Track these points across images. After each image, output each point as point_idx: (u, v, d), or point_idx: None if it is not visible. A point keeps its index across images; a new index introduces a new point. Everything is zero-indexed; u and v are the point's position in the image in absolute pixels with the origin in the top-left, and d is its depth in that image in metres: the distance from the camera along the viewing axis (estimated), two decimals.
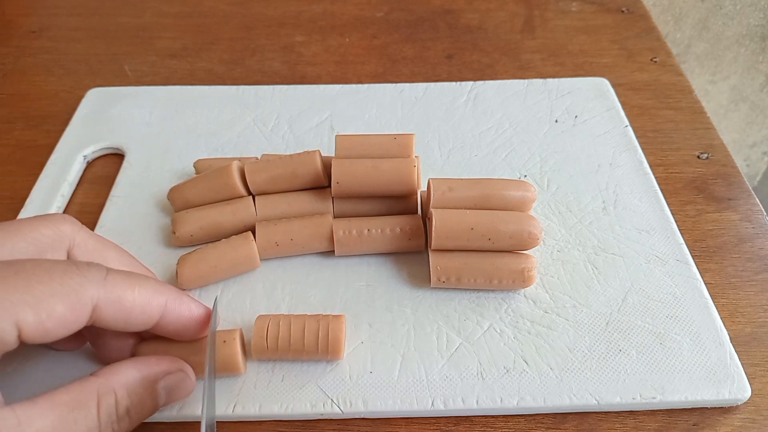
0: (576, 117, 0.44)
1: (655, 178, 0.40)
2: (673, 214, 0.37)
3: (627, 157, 0.41)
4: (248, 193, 0.36)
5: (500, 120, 0.44)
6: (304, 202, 0.36)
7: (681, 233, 0.36)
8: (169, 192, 0.37)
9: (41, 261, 0.24)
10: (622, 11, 0.57)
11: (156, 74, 0.51)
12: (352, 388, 0.30)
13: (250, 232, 0.35)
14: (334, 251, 0.35)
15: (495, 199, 0.34)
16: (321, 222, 0.35)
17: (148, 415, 0.27)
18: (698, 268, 0.35)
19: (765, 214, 0.39)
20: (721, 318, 0.32)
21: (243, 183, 0.36)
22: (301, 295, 0.34)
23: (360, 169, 0.34)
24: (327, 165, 0.36)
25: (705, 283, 0.34)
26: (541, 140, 0.43)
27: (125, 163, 0.41)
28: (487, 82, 0.47)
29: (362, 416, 0.29)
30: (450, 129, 0.44)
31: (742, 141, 1.08)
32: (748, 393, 0.29)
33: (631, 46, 0.53)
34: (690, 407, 0.30)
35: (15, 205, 0.39)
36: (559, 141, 0.42)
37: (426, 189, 0.36)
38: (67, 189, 0.40)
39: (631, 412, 0.30)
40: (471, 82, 0.47)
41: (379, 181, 0.34)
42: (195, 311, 0.28)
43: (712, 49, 0.95)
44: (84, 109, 0.46)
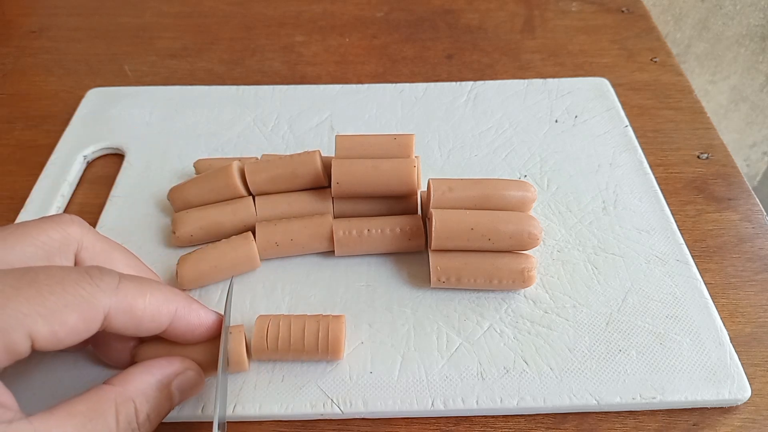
0: (576, 117, 0.44)
1: (655, 178, 0.40)
2: (673, 214, 0.37)
3: (627, 157, 0.41)
4: (248, 193, 0.36)
5: (500, 120, 0.44)
6: (304, 202, 0.36)
7: (681, 233, 0.36)
8: (169, 192, 0.37)
9: (53, 269, 0.24)
10: (622, 11, 0.57)
11: (156, 74, 0.51)
12: (352, 388, 0.30)
13: (250, 232, 0.35)
14: (334, 251, 0.35)
15: (495, 199, 0.34)
16: (321, 222, 0.35)
17: (165, 416, 0.27)
18: (698, 268, 0.35)
19: (765, 214, 0.39)
20: (721, 318, 0.32)
21: (243, 183, 0.36)
22: (301, 295, 0.34)
23: (360, 170, 0.34)
24: (327, 165, 0.36)
25: (705, 283, 0.34)
26: (541, 140, 0.43)
27: (125, 163, 0.41)
28: (487, 82, 0.47)
29: (362, 416, 0.29)
30: (450, 129, 0.44)
31: (742, 141, 1.08)
32: (748, 393, 0.29)
33: (631, 46, 0.53)
34: (690, 407, 0.30)
35: (15, 205, 0.39)
36: (559, 141, 0.42)
37: (426, 189, 0.36)
38: (67, 189, 0.40)
39: (631, 412, 0.30)
40: (471, 82, 0.47)
41: (379, 182, 0.34)
42: (204, 318, 0.28)
43: (712, 49, 0.95)
44: (84, 109, 0.46)
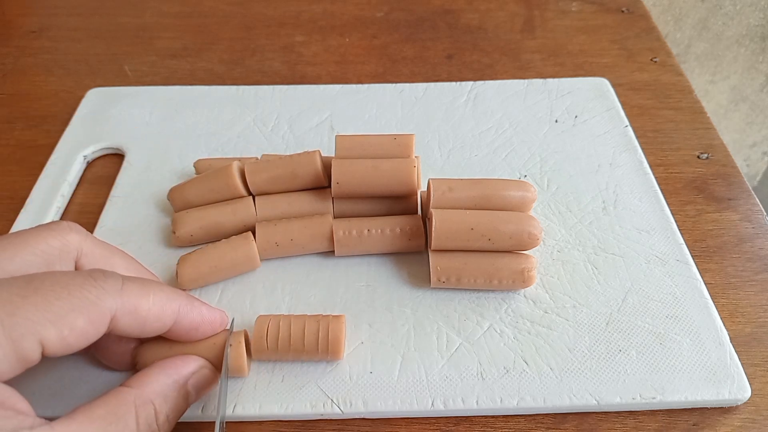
0: (576, 117, 0.44)
1: (655, 178, 0.40)
2: (673, 214, 0.37)
3: (627, 157, 0.41)
4: (248, 193, 0.36)
5: (500, 120, 0.44)
6: (304, 202, 0.36)
7: (681, 233, 0.36)
8: (169, 192, 0.37)
9: (58, 275, 0.24)
10: (622, 11, 0.57)
11: (156, 74, 0.51)
12: (352, 388, 0.30)
13: (250, 232, 0.35)
14: (334, 251, 0.35)
15: (495, 199, 0.34)
16: (321, 222, 0.35)
17: (182, 415, 0.27)
18: (698, 268, 0.35)
19: (765, 214, 0.39)
20: (721, 318, 0.32)
21: (243, 183, 0.36)
22: (301, 295, 0.34)
23: (360, 170, 0.34)
24: (327, 165, 0.36)
25: (705, 283, 0.34)
26: (541, 140, 0.43)
27: (125, 163, 0.41)
28: (487, 82, 0.47)
29: (362, 416, 0.29)
30: (450, 129, 0.44)
31: (742, 141, 1.08)
32: (748, 393, 0.29)
33: (631, 46, 0.53)
34: (690, 407, 0.30)
35: (15, 205, 0.39)
36: (559, 141, 0.42)
37: (426, 189, 0.36)
38: (67, 189, 0.40)
39: (631, 412, 0.30)
40: (471, 82, 0.47)
41: (379, 182, 0.34)
42: (207, 315, 0.28)
43: (712, 49, 0.95)
44: (84, 109, 0.46)
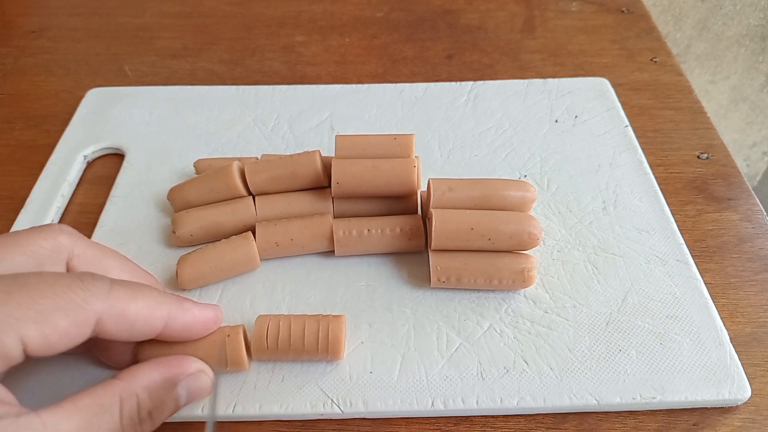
0: (576, 117, 0.44)
1: (655, 178, 0.40)
2: (673, 214, 0.37)
3: (627, 157, 0.41)
4: (248, 193, 0.36)
5: (500, 120, 0.44)
6: (304, 202, 0.36)
7: (681, 233, 0.36)
8: (169, 192, 0.37)
9: (45, 275, 0.24)
10: (622, 11, 0.57)
11: (156, 74, 0.51)
12: (352, 388, 0.30)
13: (250, 232, 0.35)
14: (334, 251, 0.35)
15: (495, 199, 0.34)
16: (321, 222, 0.35)
17: (170, 415, 0.27)
18: (698, 268, 0.35)
19: (765, 214, 0.39)
20: (721, 318, 0.32)
21: (243, 183, 0.36)
22: (301, 295, 0.34)
23: (360, 170, 0.34)
24: (327, 165, 0.36)
25: (705, 283, 0.34)
26: (541, 140, 0.43)
27: (125, 163, 0.41)
28: (487, 82, 0.47)
29: (362, 416, 0.29)
30: (450, 129, 0.44)
31: (742, 141, 1.08)
32: (748, 393, 0.29)
33: (631, 46, 0.53)
34: (690, 407, 0.30)
35: (15, 205, 0.39)
36: (559, 141, 0.42)
37: (426, 189, 0.36)
38: (67, 189, 0.40)
39: (631, 412, 0.30)
40: (471, 82, 0.47)
41: (379, 182, 0.34)
42: (199, 315, 0.28)
43: (712, 49, 0.95)
44: (84, 109, 0.46)
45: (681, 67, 0.51)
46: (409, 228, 0.34)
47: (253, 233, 0.35)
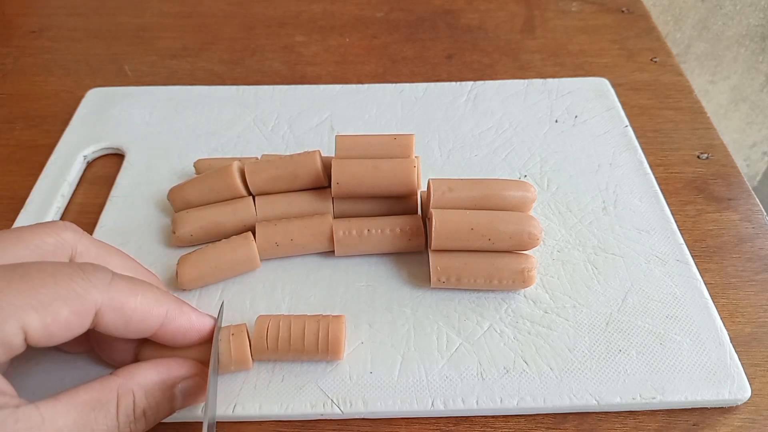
0: (576, 117, 0.44)
1: (655, 178, 0.40)
2: (673, 214, 0.37)
3: (627, 157, 0.41)
4: (248, 193, 0.36)
5: (500, 120, 0.44)
6: (304, 202, 0.36)
7: (681, 233, 0.36)
8: (169, 192, 0.37)
9: (46, 264, 0.24)
10: (622, 11, 0.57)
11: (156, 74, 0.51)
12: (352, 388, 0.30)
13: (250, 232, 0.35)
14: (334, 251, 0.35)
15: (495, 200, 0.34)
16: (321, 222, 0.35)
17: (164, 417, 0.27)
18: (698, 268, 0.35)
19: (765, 214, 0.39)
20: (721, 318, 0.32)
21: (243, 183, 0.36)
22: (301, 295, 0.34)
23: (360, 170, 0.34)
24: (327, 165, 0.36)
25: (705, 283, 0.34)
26: (541, 140, 0.43)
27: (125, 163, 0.41)
28: (487, 82, 0.47)
29: (362, 416, 0.29)
30: (450, 129, 0.44)
31: (742, 141, 1.08)
32: (748, 393, 0.29)
33: (631, 46, 0.53)
34: (690, 407, 0.30)
35: (15, 205, 0.39)
36: (559, 141, 0.42)
37: (426, 189, 0.36)
38: (67, 189, 0.40)
39: (631, 412, 0.30)
40: (471, 82, 0.47)
41: (379, 182, 0.34)
42: (195, 322, 0.28)
43: (712, 49, 0.95)
44: (84, 109, 0.46)
45: (681, 67, 0.51)
46: (409, 228, 0.34)
47: (253, 233, 0.35)
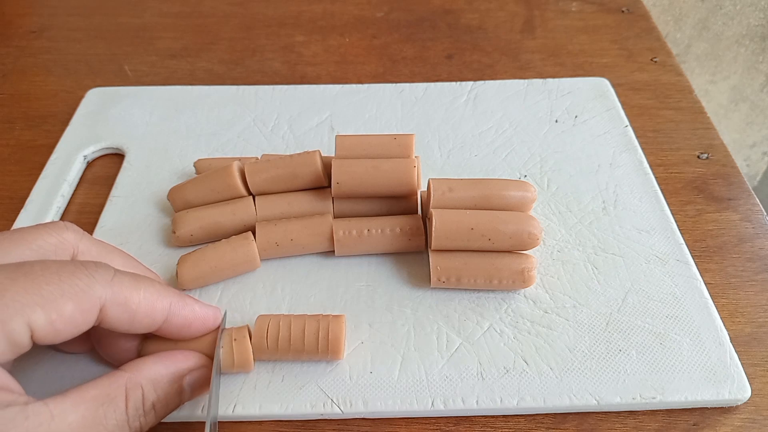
0: (576, 117, 0.44)
1: (655, 178, 0.40)
2: (673, 214, 0.37)
3: (627, 157, 0.41)
4: (248, 193, 0.36)
5: (500, 120, 0.44)
6: (304, 202, 0.36)
7: (681, 233, 0.36)
8: (169, 192, 0.37)
9: (49, 262, 0.24)
10: (622, 11, 0.57)
11: (156, 74, 0.51)
12: (352, 388, 0.30)
13: (250, 232, 0.35)
14: (334, 251, 0.35)
15: (495, 200, 0.34)
16: (321, 222, 0.35)
17: (173, 409, 0.27)
18: (698, 268, 0.35)
19: (765, 214, 0.39)
20: (721, 318, 0.32)
21: (243, 183, 0.36)
22: (301, 296, 0.34)
23: (360, 170, 0.34)
24: (327, 165, 0.36)
25: (705, 283, 0.34)
26: (541, 140, 0.43)
27: (125, 163, 0.41)
28: (487, 82, 0.47)
29: (362, 416, 0.29)
30: (450, 129, 0.44)
31: (742, 141, 1.08)
32: (748, 393, 0.29)
33: (631, 46, 0.53)
34: (690, 407, 0.30)
35: (15, 205, 0.39)
36: (559, 141, 0.42)
37: (426, 189, 0.36)
38: (67, 189, 0.40)
39: (631, 412, 0.30)
40: (471, 82, 0.47)
41: (379, 182, 0.34)
42: (199, 312, 0.28)
43: (712, 49, 0.95)
44: (84, 109, 0.46)
45: (681, 67, 0.51)
46: (409, 228, 0.34)
47: (253, 233, 0.35)
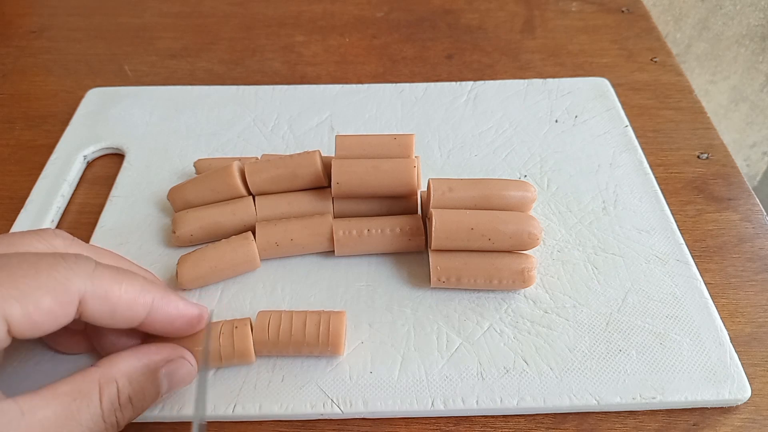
0: (576, 117, 0.44)
1: (655, 178, 0.40)
2: (673, 214, 0.37)
3: (627, 157, 0.41)
4: (248, 193, 0.36)
5: (500, 120, 0.44)
6: (304, 202, 0.36)
7: (681, 233, 0.36)
8: (169, 192, 0.37)
9: (28, 255, 0.24)
10: (622, 11, 0.57)
11: (156, 74, 0.51)
12: (352, 388, 0.30)
13: (250, 232, 0.35)
14: (334, 251, 0.35)
15: (495, 200, 0.34)
16: (321, 222, 0.35)
17: (151, 402, 0.27)
18: (698, 268, 0.35)
19: (765, 214, 0.39)
20: (721, 318, 0.32)
21: (243, 183, 0.36)
22: (301, 296, 0.34)
23: (360, 170, 0.34)
24: (327, 165, 0.36)
25: (705, 283, 0.34)
26: (541, 140, 0.43)
27: (125, 163, 0.41)
28: (487, 82, 0.47)
29: (362, 416, 0.29)
30: (450, 129, 0.44)
31: (742, 141, 1.08)
32: (748, 393, 0.29)
33: (631, 46, 0.53)
34: (690, 407, 0.30)
35: (15, 205, 0.39)
36: (559, 141, 0.42)
37: (426, 189, 0.36)
38: (67, 189, 0.40)
39: (631, 412, 0.30)
40: (471, 82, 0.47)
41: (379, 182, 0.34)
42: (183, 309, 0.28)
43: (712, 49, 0.95)
44: (84, 109, 0.46)
45: (681, 67, 0.51)
46: (409, 228, 0.34)
47: (253, 233, 0.35)
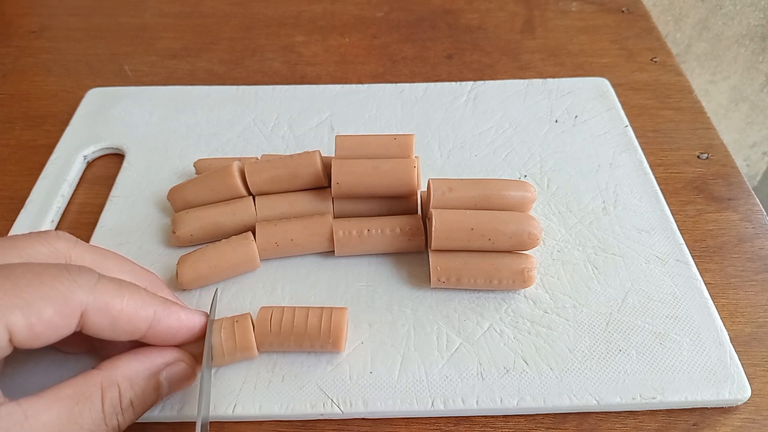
0: (576, 117, 0.44)
1: (655, 178, 0.40)
2: (673, 214, 0.37)
3: (627, 157, 0.41)
4: (248, 193, 0.36)
5: (500, 120, 0.44)
6: (304, 202, 0.36)
7: (681, 233, 0.36)
8: (169, 192, 0.37)
9: (32, 265, 0.24)
10: (622, 11, 0.57)
11: (156, 74, 0.51)
12: (352, 388, 0.30)
13: (250, 232, 0.35)
14: (334, 251, 0.35)
15: (495, 200, 0.34)
16: (321, 222, 0.35)
17: (152, 405, 0.27)
18: (698, 268, 0.35)
19: (765, 214, 0.39)
20: (721, 318, 0.32)
21: (243, 183, 0.36)
22: (301, 296, 0.34)
23: (360, 170, 0.34)
24: (327, 165, 0.36)
25: (705, 283, 0.34)
26: (541, 140, 0.43)
27: (125, 163, 0.41)
28: (487, 82, 0.47)
29: (362, 416, 0.29)
30: (450, 129, 0.44)
31: (742, 141, 1.08)
32: (748, 393, 0.29)
33: (631, 46, 0.53)
34: (690, 407, 0.30)
35: (15, 205, 0.39)
36: (559, 141, 0.42)
37: (426, 189, 0.36)
38: (67, 189, 0.40)
39: (631, 412, 0.30)
40: (471, 82, 0.47)
41: (379, 182, 0.34)
42: (185, 320, 0.28)
43: (712, 49, 0.95)
44: (84, 109, 0.46)
45: (681, 67, 0.51)
46: (409, 228, 0.34)
47: (253, 233, 0.35)
